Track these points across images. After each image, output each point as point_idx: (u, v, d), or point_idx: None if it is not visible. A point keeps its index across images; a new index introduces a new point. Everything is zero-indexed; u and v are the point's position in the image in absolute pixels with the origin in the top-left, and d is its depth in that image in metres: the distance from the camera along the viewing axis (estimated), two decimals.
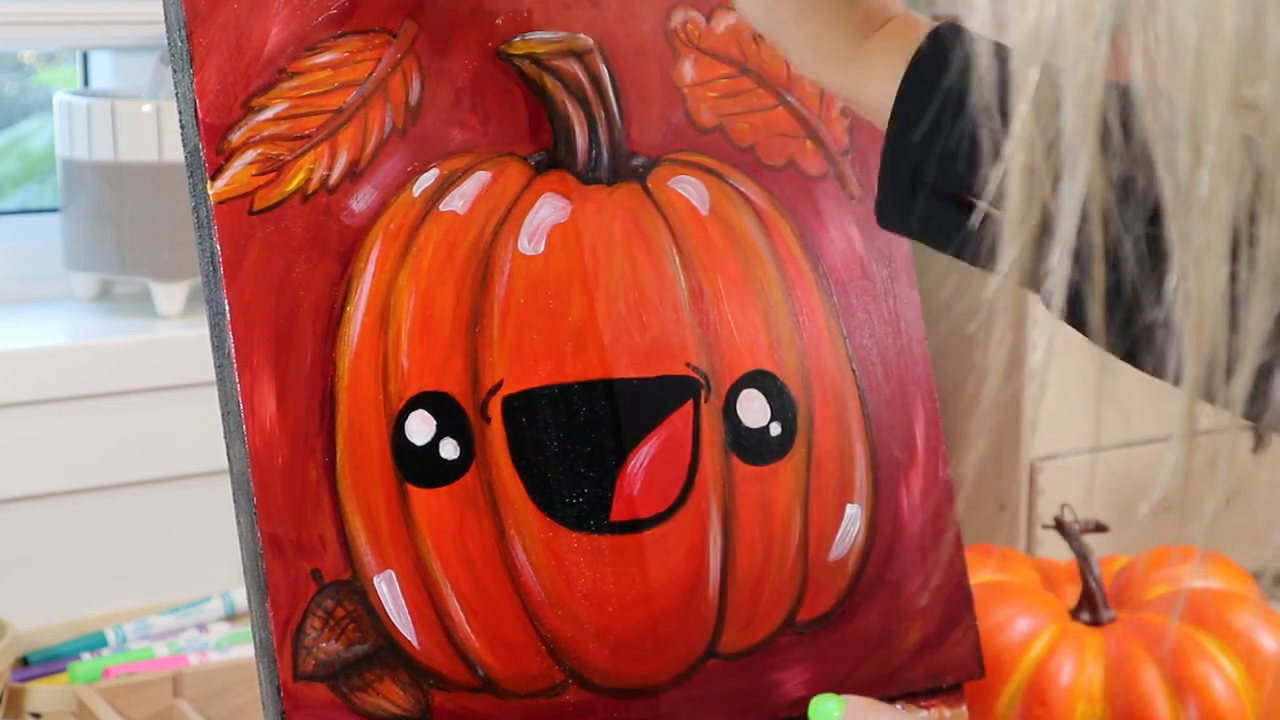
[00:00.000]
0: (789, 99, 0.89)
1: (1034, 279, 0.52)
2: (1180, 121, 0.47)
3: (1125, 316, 0.57)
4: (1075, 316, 0.54)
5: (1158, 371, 0.55)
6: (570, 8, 0.85)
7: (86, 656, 1.28)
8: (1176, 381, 0.50)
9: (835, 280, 0.89)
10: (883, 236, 0.90)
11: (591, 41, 0.85)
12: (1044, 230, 0.50)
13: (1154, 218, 0.49)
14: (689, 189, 0.86)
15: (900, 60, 0.72)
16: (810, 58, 0.75)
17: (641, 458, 0.83)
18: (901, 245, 0.91)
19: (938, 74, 0.69)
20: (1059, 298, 0.51)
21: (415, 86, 0.81)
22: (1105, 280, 0.52)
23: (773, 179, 0.88)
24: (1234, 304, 0.48)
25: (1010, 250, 0.51)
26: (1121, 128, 0.49)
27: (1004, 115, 0.50)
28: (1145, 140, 0.48)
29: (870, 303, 0.89)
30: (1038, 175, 0.50)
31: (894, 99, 0.71)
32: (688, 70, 0.87)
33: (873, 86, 0.73)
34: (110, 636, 1.31)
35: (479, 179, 0.82)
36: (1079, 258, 0.50)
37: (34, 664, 1.29)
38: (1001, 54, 0.50)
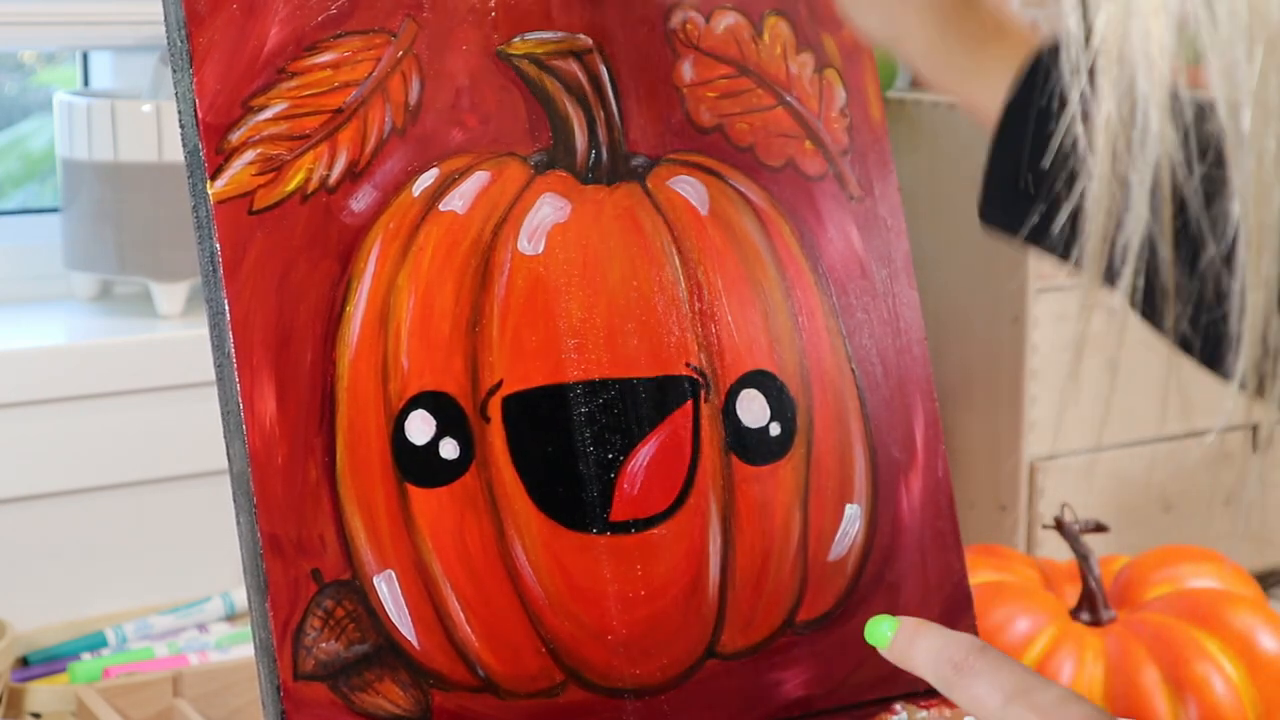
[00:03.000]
0: (788, 99, 0.90)
1: (1110, 273, 0.55)
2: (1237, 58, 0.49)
3: (1195, 310, 0.60)
4: (1148, 308, 0.57)
5: (1216, 362, 0.59)
6: (570, 7, 0.85)
7: (86, 656, 1.29)
8: (1235, 375, 0.53)
9: (834, 280, 0.89)
10: (882, 236, 0.90)
11: (591, 41, 0.85)
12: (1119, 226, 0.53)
13: (1216, 199, 0.53)
14: (688, 189, 0.86)
15: (1014, 69, 0.74)
16: (928, 65, 0.78)
17: (641, 458, 0.83)
18: (901, 245, 0.91)
19: (1047, 81, 0.72)
20: (1129, 285, 0.54)
21: (415, 86, 0.81)
22: (1176, 268, 0.56)
23: (772, 179, 0.88)
24: None
25: (1092, 245, 0.54)
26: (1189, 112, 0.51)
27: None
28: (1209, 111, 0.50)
29: (870, 302, 0.89)
30: (1118, 161, 0.53)
31: (1003, 105, 0.74)
32: (687, 70, 0.87)
33: (988, 93, 0.76)
34: (110, 636, 1.31)
35: (478, 179, 0.82)
36: (1153, 248, 0.53)
37: (34, 664, 1.29)
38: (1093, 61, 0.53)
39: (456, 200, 0.81)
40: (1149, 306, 0.58)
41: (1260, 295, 0.52)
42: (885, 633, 0.69)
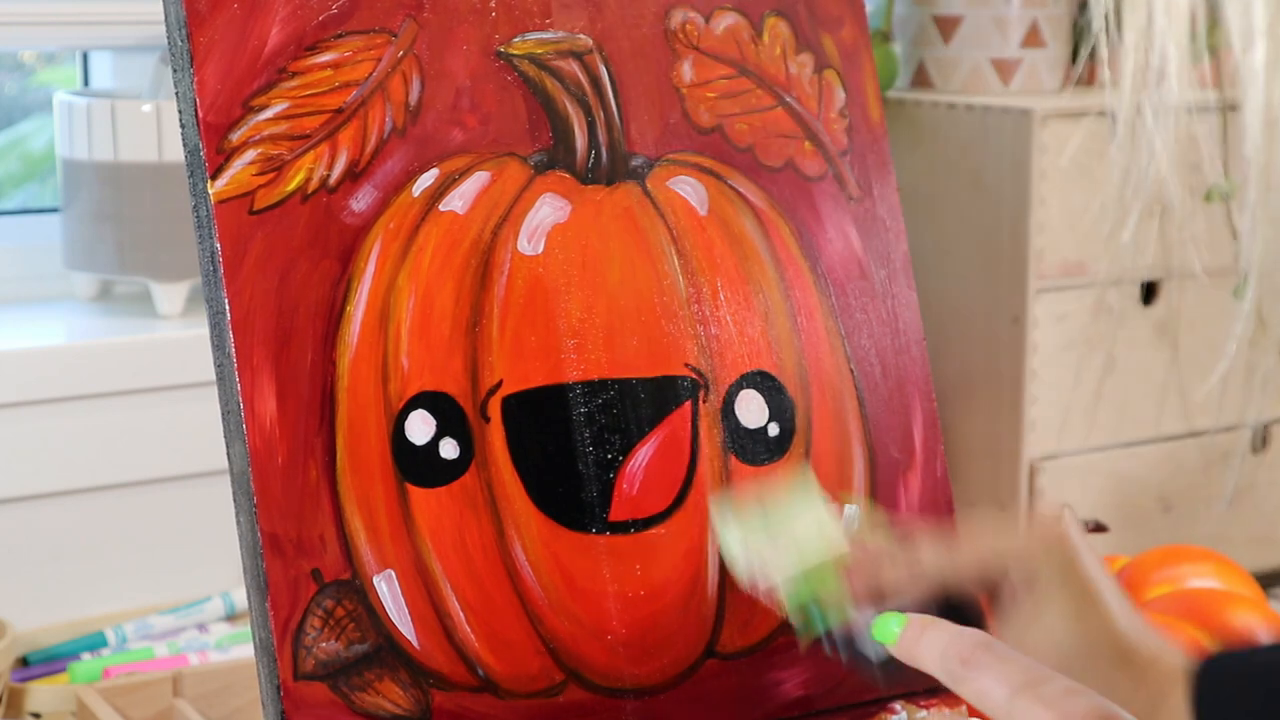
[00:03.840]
0: (788, 100, 0.90)
1: None
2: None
3: None
4: None
5: None
6: (570, 8, 0.85)
7: (86, 656, 1.29)
8: None
9: (833, 280, 0.89)
10: (881, 237, 0.91)
11: (591, 42, 0.85)
12: None
13: None
14: (688, 189, 0.86)
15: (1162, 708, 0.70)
16: None
17: (640, 458, 0.83)
18: (900, 246, 0.91)
19: (1226, 701, 0.69)
20: None
21: (415, 86, 0.81)
22: None
23: (771, 180, 0.88)
24: None
25: None
26: None
27: None
28: None
29: (868, 303, 0.89)
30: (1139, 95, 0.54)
31: None
32: (687, 71, 0.87)
33: None
34: (110, 636, 1.31)
35: (478, 179, 0.82)
36: None
37: (34, 664, 1.29)
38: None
39: (456, 200, 0.81)
40: None
41: (1271, 230, 0.52)
42: (893, 629, 0.69)
